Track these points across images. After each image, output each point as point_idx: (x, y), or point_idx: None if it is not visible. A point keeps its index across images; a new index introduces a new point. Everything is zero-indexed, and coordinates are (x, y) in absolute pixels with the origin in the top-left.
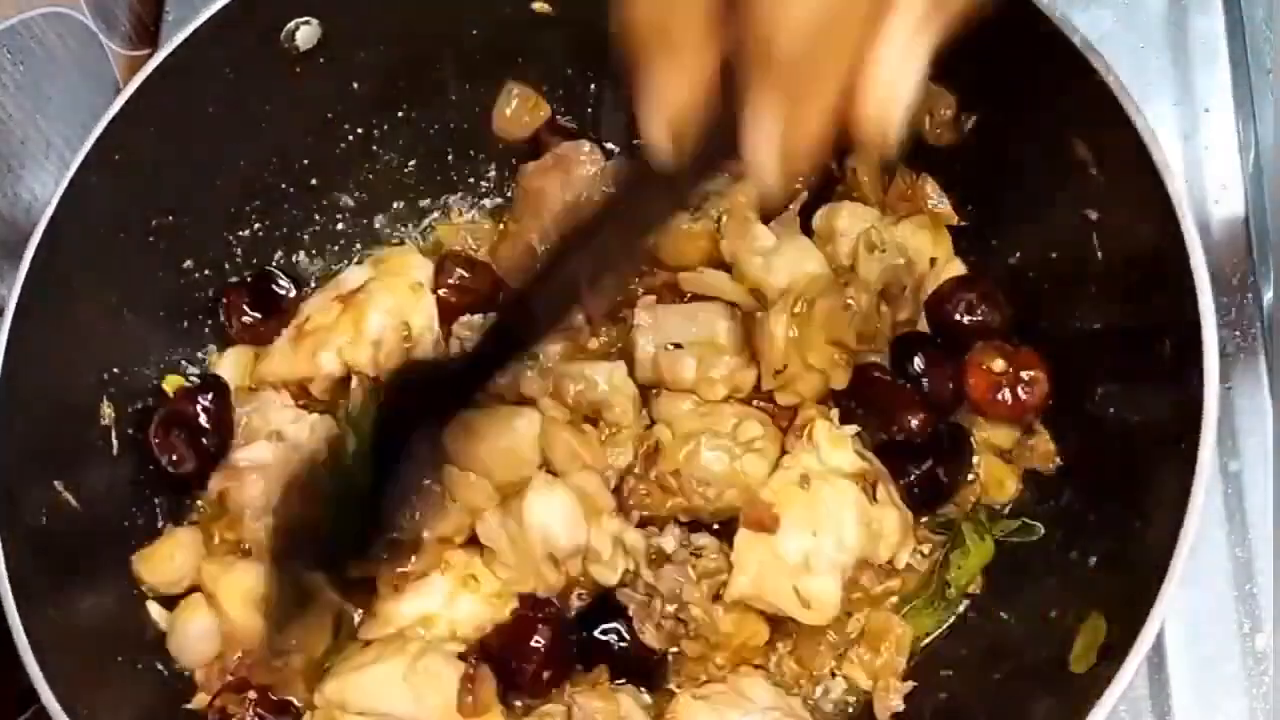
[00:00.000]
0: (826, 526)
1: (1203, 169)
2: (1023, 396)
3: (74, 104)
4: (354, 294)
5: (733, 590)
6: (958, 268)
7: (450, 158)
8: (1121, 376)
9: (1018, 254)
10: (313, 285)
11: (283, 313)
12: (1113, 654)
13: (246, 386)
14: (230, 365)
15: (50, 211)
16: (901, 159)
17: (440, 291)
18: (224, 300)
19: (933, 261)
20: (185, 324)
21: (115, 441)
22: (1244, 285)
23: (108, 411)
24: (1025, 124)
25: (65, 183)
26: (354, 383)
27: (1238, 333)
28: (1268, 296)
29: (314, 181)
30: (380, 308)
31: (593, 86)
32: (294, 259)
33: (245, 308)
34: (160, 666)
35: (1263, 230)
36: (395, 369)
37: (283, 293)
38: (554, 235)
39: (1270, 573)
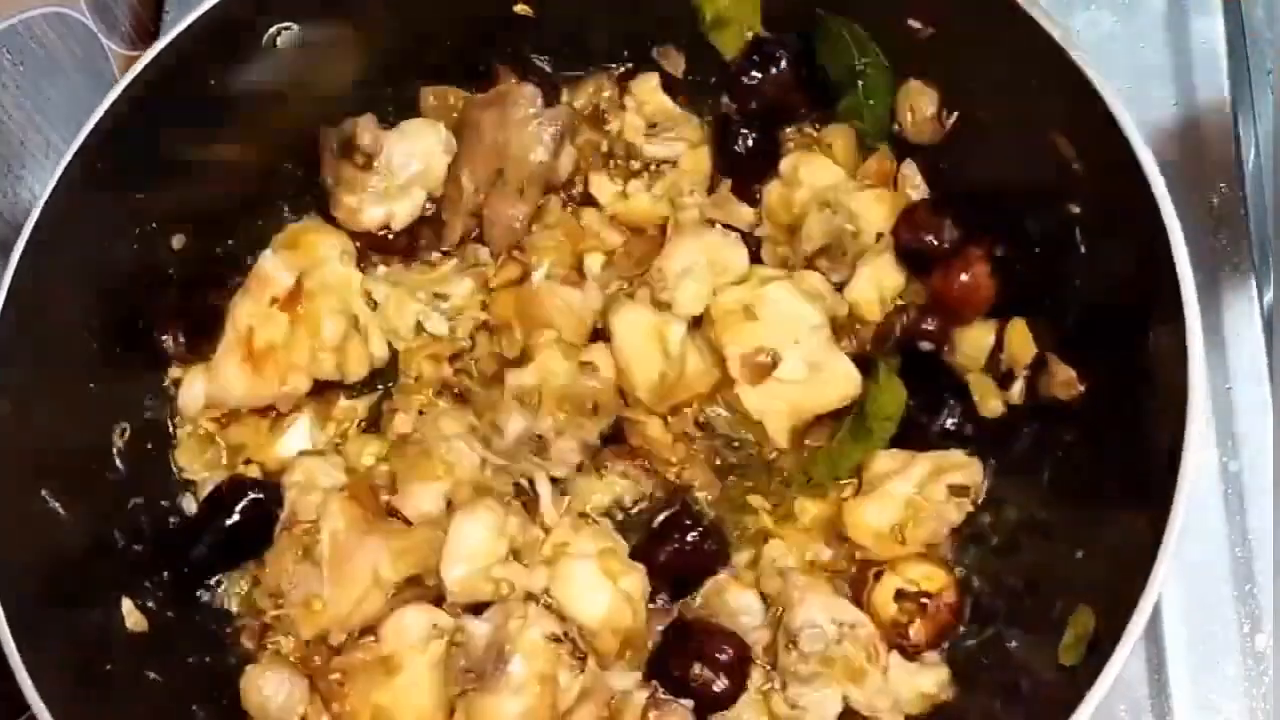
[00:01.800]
0: (795, 327)
1: (1203, 169)
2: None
3: (74, 104)
4: (294, 298)
5: (781, 438)
6: None
7: None
8: (1107, 368)
9: (1001, 248)
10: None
11: (218, 330)
12: (1102, 646)
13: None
14: (197, 390)
15: (35, 215)
16: (882, 140)
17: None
18: (157, 329)
19: (879, 236)
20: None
21: (118, 459)
22: (1244, 285)
23: (117, 430)
24: (1007, 120)
25: (51, 186)
26: None
27: (1238, 334)
28: (1268, 296)
29: (293, 190)
30: (329, 310)
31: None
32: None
33: (183, 333)
34: (153, 674)
35: (1263, 230)
36: None
37: (218, 303)
38: None
39: (1270, 573)
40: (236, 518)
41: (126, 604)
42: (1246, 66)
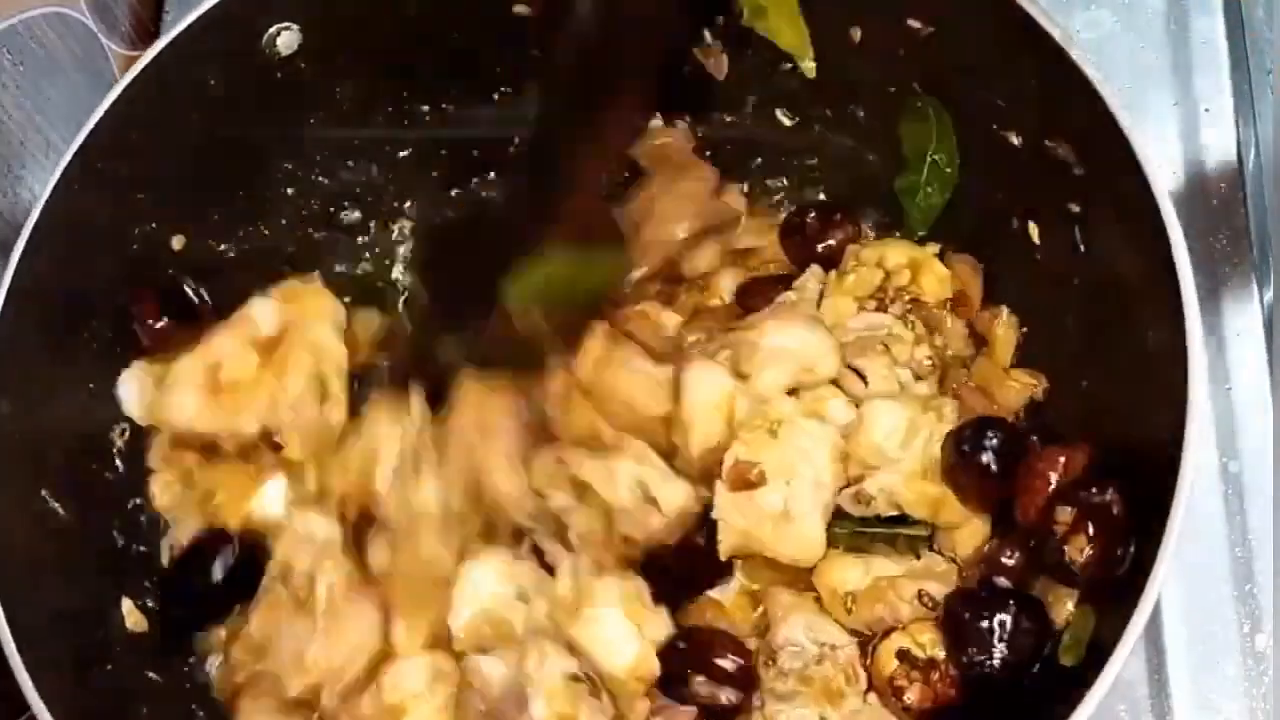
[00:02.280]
0: (801, 470)
1: (1203, 169)
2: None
3: (74, 104)
4: (273, 345)
5: (724, 548)
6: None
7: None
8: (1105, 369)
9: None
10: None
11: (195, 324)
12: (1102, 645)
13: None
14: (134, 390)
15: (35, 215)
16: (922, 229)
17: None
18: (133, 304)
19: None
20: None
21: (118, 459)
22: (1244, 285)
23: (117, 430)
24: (1005, 121)
25: (51, 186)
26: None
27: (1238, 334)
28: (1268, 296)
29: (289, 191)
30: (301, 369)
31: None
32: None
33: (158, 311)
34: (153, 674)
35: (1263, 230)
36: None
37: (196, 301)
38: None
39: (1270, 573)
40: (219, 574)
41: (126, 604)
42: (1246, 66)
